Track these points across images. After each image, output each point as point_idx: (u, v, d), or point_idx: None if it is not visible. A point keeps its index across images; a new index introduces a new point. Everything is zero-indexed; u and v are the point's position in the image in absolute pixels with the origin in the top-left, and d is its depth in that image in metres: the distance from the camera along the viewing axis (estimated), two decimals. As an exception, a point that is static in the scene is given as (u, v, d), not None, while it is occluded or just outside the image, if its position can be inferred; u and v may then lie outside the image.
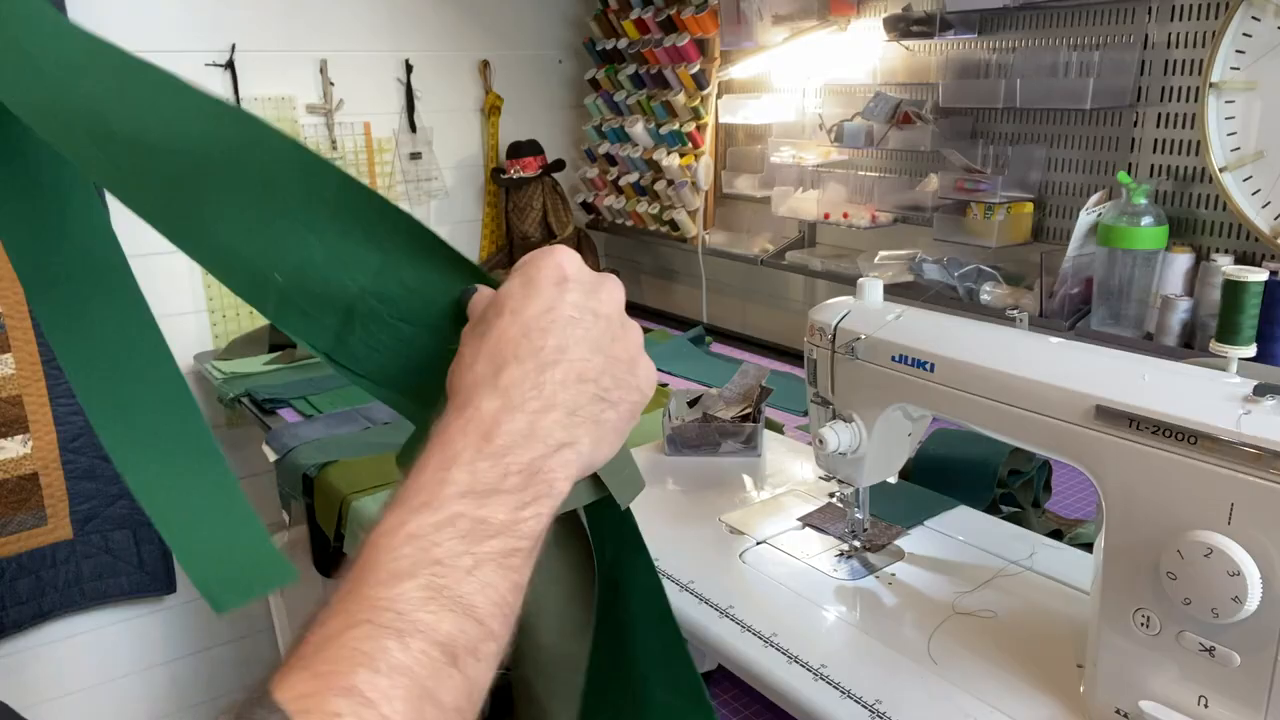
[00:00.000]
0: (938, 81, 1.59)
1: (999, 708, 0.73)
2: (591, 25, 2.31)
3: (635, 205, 2.26)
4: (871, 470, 0.93)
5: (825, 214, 1.80)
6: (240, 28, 1.95)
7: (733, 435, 1.23)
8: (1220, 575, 0.61)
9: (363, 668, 0.30)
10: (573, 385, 0.40)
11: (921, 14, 1.58)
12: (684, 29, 2.04)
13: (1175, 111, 1.33)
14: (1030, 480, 1.13)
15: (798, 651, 0.81)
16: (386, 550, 0.34)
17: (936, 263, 1.58)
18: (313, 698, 0.29)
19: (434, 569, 0.33)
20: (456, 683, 0.32)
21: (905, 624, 0.86)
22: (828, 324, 0.90)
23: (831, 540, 1.00)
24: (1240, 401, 0.62)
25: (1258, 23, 1.21)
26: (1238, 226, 1.28)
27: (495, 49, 2.31)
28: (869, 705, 0.74)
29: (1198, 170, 1.32)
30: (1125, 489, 0.67)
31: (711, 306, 2.26)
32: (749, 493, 1.13)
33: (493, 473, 0.36)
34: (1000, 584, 0.90)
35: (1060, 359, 0.74)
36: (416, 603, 0.32)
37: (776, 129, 1.98)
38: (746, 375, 1.36)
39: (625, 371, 0.42)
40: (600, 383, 0.41)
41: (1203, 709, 0.65)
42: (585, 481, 0.43)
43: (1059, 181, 1.50)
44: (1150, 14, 1.33)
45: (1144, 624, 0.67)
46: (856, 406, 0.90)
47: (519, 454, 0.37)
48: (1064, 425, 0.70)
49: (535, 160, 2.27)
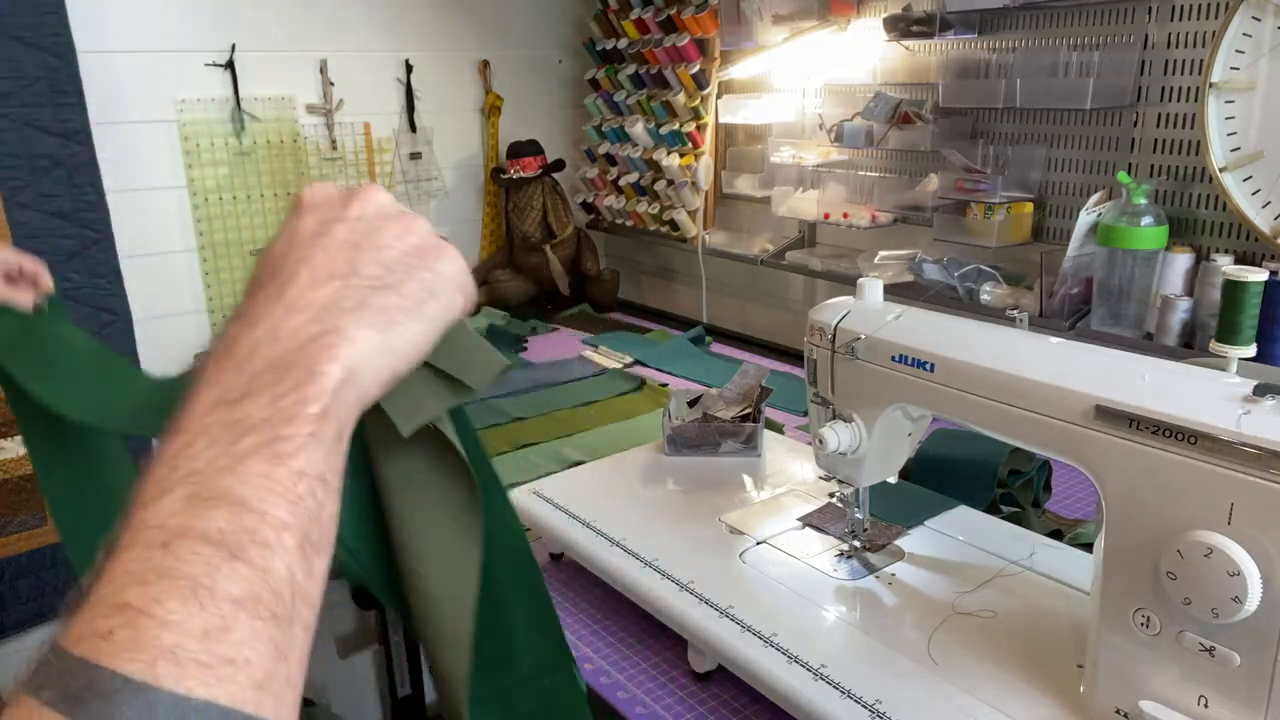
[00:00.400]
0: (938, 81, 1.59)
1: (999, 708, 0.73)
2: (591, 25, 2.31)
3: (635, 205, 2.26)
4: (871, 470, 0.93)
5: (825, 214, 1.80)
6: (240, 28, 1.95)
7: (733, 435, 1.23)
8: (1220, 575, 0.61)
9: (132, 584, 0.30)
10: (323, 285, 0.38)
11: (921, 14, 1.58)
12: (684, 29, 2.04)
13: (1175, 111, 1.33)
14: (1030, 480, 1.13)
15: (798, 651, 0.81)
16: (148, 480, 0.33)
17: (936, 263, 1.58)
18: (86, 626, 0.29)
19: (191, 478, 0.33)
20: (244, 574, 0.31)
21: (905, 624, 0.86)
22: (828, 324, 0.90)
23: (831, 540, 1.00)
24: (1240, 401, 0.62)
25: (1258, 23, 1.21)
26: (1238, 226, 1.28)
27: (495, 49, 2.31)
28: (869, 705, 0.74)
29: (1198, 170, 1.32)
30: (1125, 489, 0.67)
31: (711, 306, 2.26)
32: (749, 493, 1.13)
33: (239, 379, 0.35)
34: (1000, 584, 0.90)
35: (1060, 359, 0.74)
36: (176, 511, 0.32)
37: (776, 129, 1.98)
38: (746, 375, 1.36)
39: (403, 256, 0.41)
40: (364, 273, 0.39)
41: (1203, 709, 0.65)
42: (432, 380, 0.41)
43: (1059, 181, 1.50)
44: (1150, 14, 1.33)
45: (1144, 624, 0.67)
46: (856, 406, 0.90)
47: (265, 353, 0.36)
48: (1064, 425, 0.70)
49: (535, 160, 2.27)
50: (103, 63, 1.78)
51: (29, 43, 1.59)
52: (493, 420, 1.54)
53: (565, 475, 1.22)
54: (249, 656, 0.31)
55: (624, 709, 0.86)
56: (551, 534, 1.06)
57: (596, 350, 1.95)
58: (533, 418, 1.56)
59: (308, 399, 0.35)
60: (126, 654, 0.29)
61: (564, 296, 2.34)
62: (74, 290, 1.70)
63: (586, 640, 0.96)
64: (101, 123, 1.72)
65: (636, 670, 0.91)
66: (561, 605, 1.03)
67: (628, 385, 1.71)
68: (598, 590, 1.03)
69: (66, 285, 1.69)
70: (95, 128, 1.68)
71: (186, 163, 1.94)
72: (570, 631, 0.98)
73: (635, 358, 1.89)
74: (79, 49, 1.64)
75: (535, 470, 1.34)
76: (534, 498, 1.11)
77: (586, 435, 1.49)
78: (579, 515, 1.06)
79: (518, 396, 1.66)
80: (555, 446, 1.45)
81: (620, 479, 1.17)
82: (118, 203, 1.75)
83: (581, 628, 0.99)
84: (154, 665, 0.29)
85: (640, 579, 0.94)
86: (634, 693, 0.88)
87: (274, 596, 0.32)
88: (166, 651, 0.29)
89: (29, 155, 1.62)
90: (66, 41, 1.62)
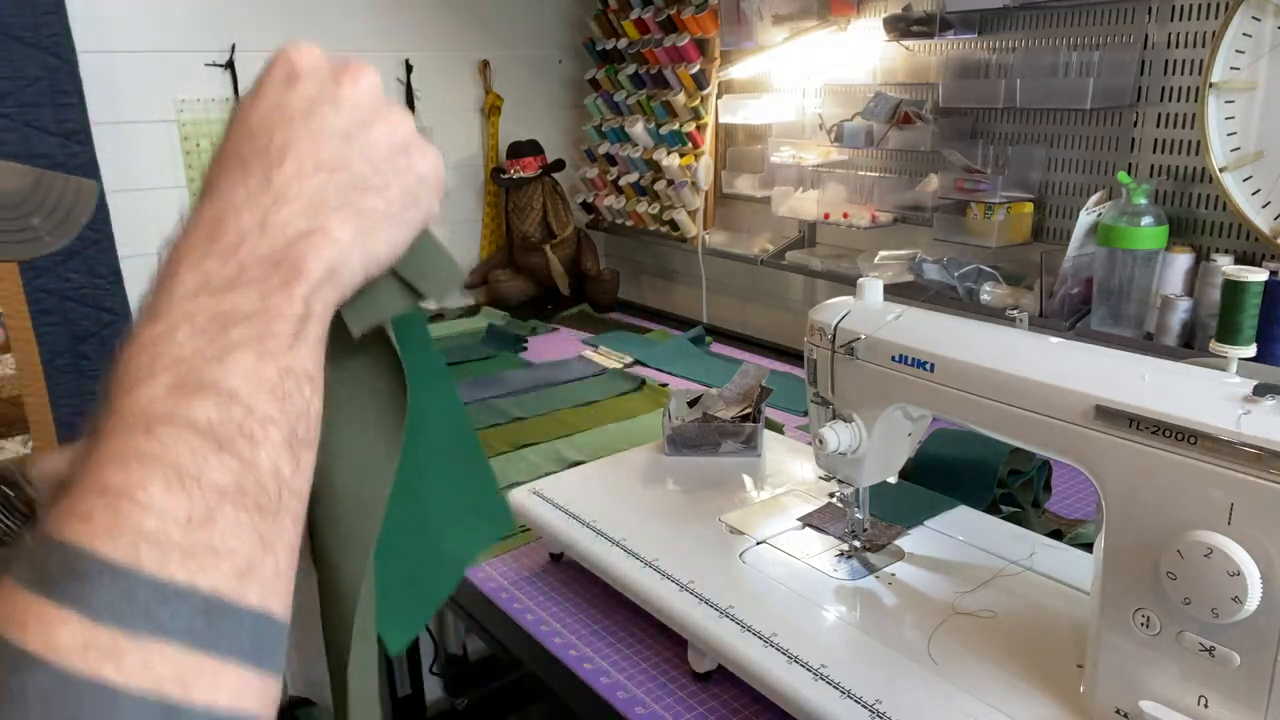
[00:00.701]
0: (938, 81, 1.59)
1: (999, 708, 0.73)
2: (591, 25, 2.31)
3: (635, 205, 2.26)
4: (871, 470, 0.93)
5: (825, 214, 1.80)
6: (240, 28, 1.95)
7: (733, 435, 1.23)
8: (1220, 575, 0.61)
9: (113, 468, 0.29)
10: (311, 176, 0.37)
11: (921, 14, 1.58)
12: (684, 29, 2.04)
13: (1175, 111, 1.33)
14: (1030, 480, 1.13)
15: (798, 651, 0.81)
16: (124, 364, 0.32)
17: (936, 263, 1.58)
18: (66, 510, 0.29)
19: (176, 366, 0.32)
20: (230, 465, 0.31)
21: (905, 624, 0.86)
22: (828, 324, 0.90)
23: (831, 540, 1.00)
24: (1240, 401, 0.62)
25: (1258, 23, 1.21)
26: (1238, 226, 1.28)
27: (495, 49, 2.31)
28: (869, 705, 0.74)
29: (1198, 170, 1.32)
30: (1125, 489, 0.67)
31: (711, 306, 2.26)
32: (749, 493, 1.13)
33: (226, 268, 0.34)
34: (1000, 584, 0.90)
35: (1060, 359, 0.74)
36: (160, 398, 0.31)
37: (776, 129, 1.98)
38: (746, 375, 1.36)
39: (390, 155, 0.40)
40: (353, 170, 0.38)
41: (1203, 709, 0.65)
42: (389, 282, 0.41)
43: (1059, 181, 1.50)
44: (1150, 14, 1.33)
45: (1144, 624, 0.67)
46: (856, 406, 0.90)
47: (253, 246, 0.34)
48: (1064, 425, 0.70)
49: (535, 160, 2.27)
50: (103, 63, 1.78)
51: (29, 43, 1.59)
52: (493, 420, 1.54)
53: (565, 475, 1.22)
54: (233, 546, 0.30)
55: (624, 709, 0.86)
56: (551, 534, 1.06)
57: (596, 350, 1.95)
58: (533, 418, 1.56)
59: (295, 297, 0.34)
60: (106, 536, 0.28)
61: (564, 296, 2.34)
62: (74, 290, 1.70)
63: (586, 640, 0.96)
64: (101, 123, 1.72)
65: (636, 670, 0.91)
66: (562, 605, 1.03)
67: (628, 385, 1.71)
68: (598, 590, 1.03)
69: (66, 285, 1.69)
70: (95, 128, 1.68)
71: (186, 163, 1.94)
72: (570, 631, 0.98)
73: (635, 358, 1.89)
74: (79, 49, 1.64)
75: (535, 470, 1.34)
76: (534, 498, 1.11)
77: (586, 435, 1.49)
78: (579, 515, 1.06)
79: (518, 396, 1.66)
80: (555, 446, 1.45)
81: (620, 479, 1.17)
82: (117, 203, 1.75)
83: (581, 628, 0.99)
84: (136, 549, 0.28)
85: (640, 579, 0.94)
86: (634, 693, 0.88)
87: (259, 489, 0.32)
88: (149, 536, 0.29)
89: (29, 155, 1.62)
90: (66, 41, 1.62)
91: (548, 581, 1.08)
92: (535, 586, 1.07)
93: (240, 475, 0.31)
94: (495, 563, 1.12)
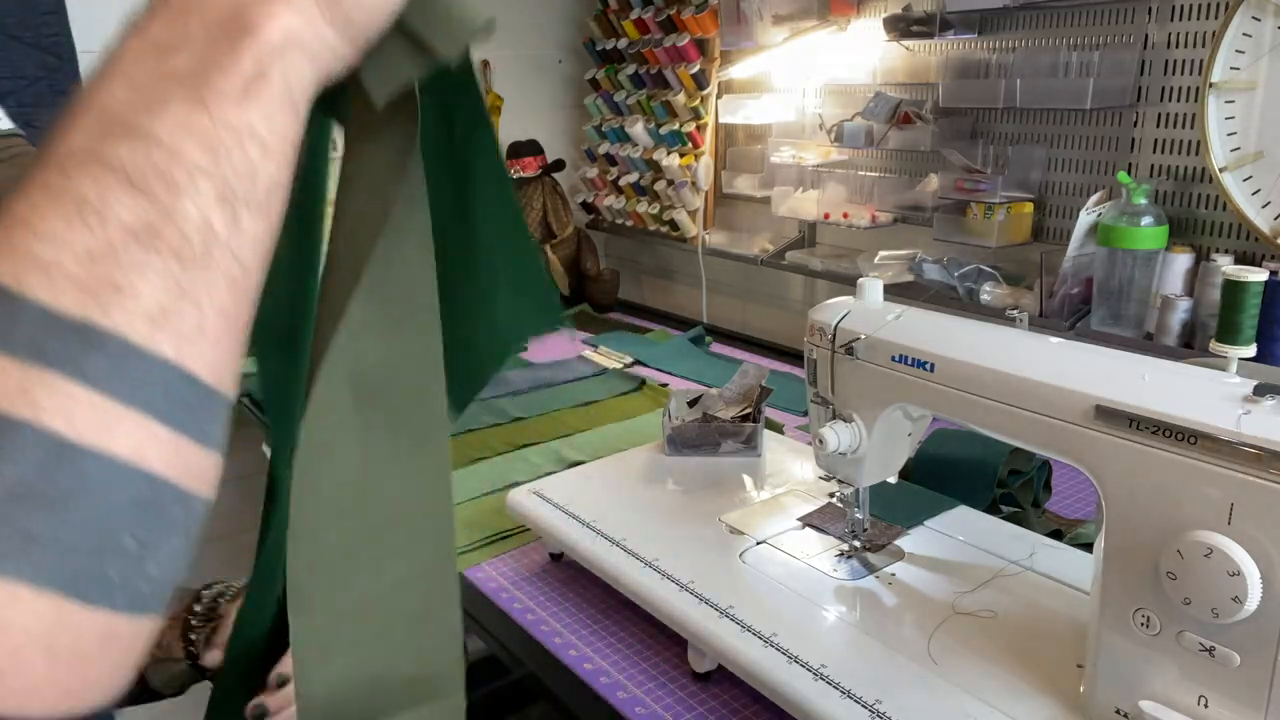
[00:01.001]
0: (938, 81, 1.59)
1: (999, 708, 0.73)
2: (591, 25, 2.31)
3: (635, 205, 2.26)
4: (871, 470, 0.93)
5: (825, 214, 1.80)
6: (240, 28, 1.94)
7: (733, 435, 1.23)
8: (1220, 575, 0.61)
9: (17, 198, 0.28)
10: None
11: (921, 14, 1.58)
12: (684, 29, 2.04)
13: (1175, 111, 1.33)
14: (1030, 480, 1.13)
15: (798, 651, 0.81)
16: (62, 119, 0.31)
17: (936, 263, 1.59)
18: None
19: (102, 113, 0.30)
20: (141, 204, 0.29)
21: (905, 624, 0.86)
22: (828, 324, 0.90)
23: (831, 540, 1.00)
24: (1240, 401, 0.62)
25: (1258, 23, 1.21)
26: (1238, 226, 1.28)
27: (495, 49, 2.31)
28: (869, 705, 0.74)
29: (1198, 170, 1.32)
30: (1125, 489, 0.67)
31: (711, 306, 2.26)
32: (749, 493, 1.13)
33: (170, 32, 0.32)
34: (1000, 584, 0.90)
35: (1060, 359, 0.74)
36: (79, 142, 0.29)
37: (776, 129, 1.98)
38: (746, 375, 1.36)
39: None
40: None
41: (1203, 709, 0.65)
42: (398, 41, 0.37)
43: (1059, 181, 1.50)
44: (1150, 14, 1.33)
45: (1144, 624, 0.67)
46: (856, 406, 0.90)
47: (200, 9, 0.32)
48: (1064, 425, 0.70)
49: (535, 160, 2.27)
50: (103, 63, 1.78)
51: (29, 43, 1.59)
52: (493, 420, 1.54)
53: (565, 475, 1.22)
54: (140, 288, 0.29)
55: (624, 709, 0.86)
56: (551, 534, 1.06)
57: (596, 350, 1.95)
58: (533, 418, 1.56)
59: (240, 54, 0.32)
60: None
61: (564, 296, 2.34)
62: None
63: (586, 640, 0.96)
64: (101, 123, 1.72)
65: (636, 670, 0.91)
66: (562, 605, 1.03)
67: (628, 385, 1.71)
68: (598, 590, 1.03)
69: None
70: (95, 128, 1.68)
71: (186, 163, 1.94)
72: (570, 631, 0.98)
73: (635, 358, 1.89)
74: (79, 49, 1.64)
75: (535, 470, 1.34)
76: (534, 498, 1.11)
77: (586, 435, 1.49)
78: (579, 515, 1.06)
79: (518, 396, 1.66)
80: (555, 446, 1.45)
81: (620, 479, 1.17)
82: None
83: (581, 628, 0.99)
84: (20, 273, 0.27)
85: (640, 579, 0.94)
86: (634, 693, 0.88)
87: (179, 236, 0.30)
88: (40, 263, 0.27)
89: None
90: (66, 41, 1.62)
91: (548, 581, 1.08)
92: (535, 586, 1.07)
93: (152, 216, 0.29)
94: (495, 563, 1.12)
